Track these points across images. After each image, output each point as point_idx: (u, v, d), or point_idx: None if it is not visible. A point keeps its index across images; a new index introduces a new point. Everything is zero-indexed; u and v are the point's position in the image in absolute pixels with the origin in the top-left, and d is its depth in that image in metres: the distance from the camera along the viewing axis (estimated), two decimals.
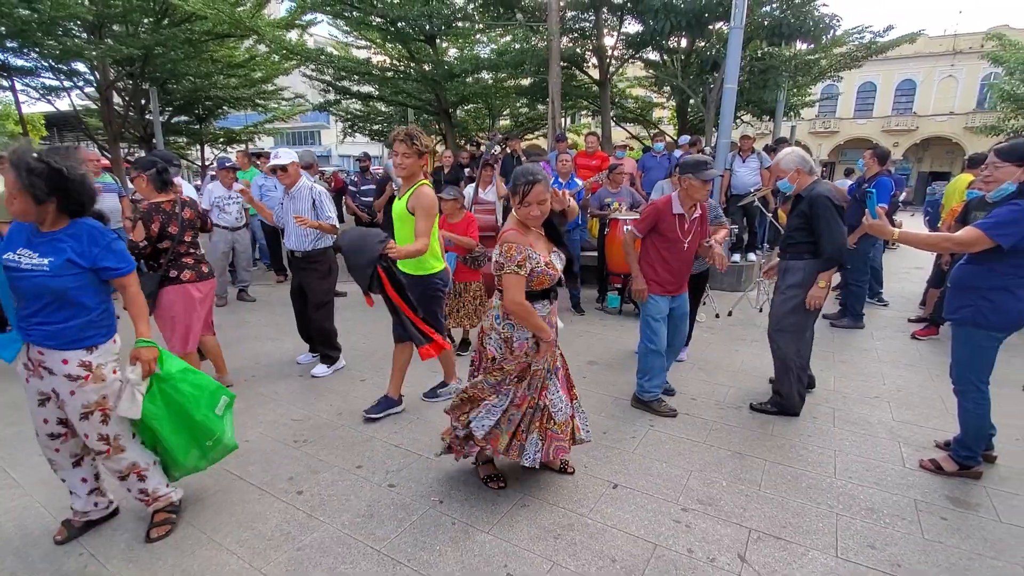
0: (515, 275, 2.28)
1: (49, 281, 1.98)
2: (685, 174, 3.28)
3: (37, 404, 2.14)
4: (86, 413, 2.12)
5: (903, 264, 9.22)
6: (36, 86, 12.47)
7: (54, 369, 2.06)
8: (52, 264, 1.99)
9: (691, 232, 3.41)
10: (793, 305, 3.30)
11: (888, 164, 5.54)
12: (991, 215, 2.48)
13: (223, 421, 2.49)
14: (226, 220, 6.10)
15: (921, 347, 4.87)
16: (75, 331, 2.06)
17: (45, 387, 2.10)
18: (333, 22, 12.92)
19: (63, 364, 2.06)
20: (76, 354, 2.07)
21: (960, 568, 2.11)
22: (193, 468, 2.47)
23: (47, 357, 2.05)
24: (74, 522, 2.32)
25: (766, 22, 9.31)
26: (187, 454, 2.40)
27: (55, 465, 2.27)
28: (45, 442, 2.21)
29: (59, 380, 2.07)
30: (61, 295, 2.01)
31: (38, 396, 2.13)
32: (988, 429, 2.74)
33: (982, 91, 27.47)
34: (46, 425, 2.18)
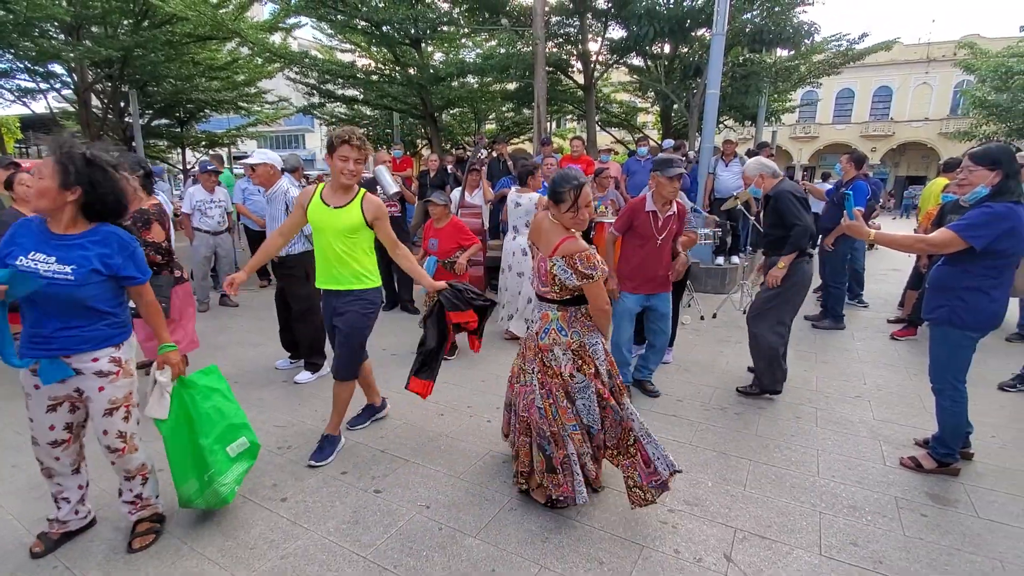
0: (600, 280, 2.26)
1: (75, 291, 1.93)
2: (655, 171, 3.46)
3: (46, 410, 2.07)
4: (111, 409, 2.10)
5: (881, 266, 9.40)
6: (11, 88, 12.21)
7: (82, 369, 2.03)
8: (76, 272, 1.92)
9: (665, 230, 3.51)
10: (773, 294, 3.63)
11: (866, 168, 5.66)
12: (964, 217, 2.54)
13: (231, 464, 2.31)
14: (208, 224, 6.01)
15: (900, 347, 4.96)
16: (104, 330, 2.04)
17: (63, 390, 2.05)
18: (317, 25, 12.88)
19: (93, 362, 2.04)
20: (106, 351, 2.06)
21: (940, 563, 2.15)
22: (190, 500, 2.29)
23: (74, 359, 2.01)
24: (51, 534, 2.24)
25: (747, 29, 9.48)
26: (185, 479, 2.24)
27: (52, 472, 2.19)
28: (47, 451, 2.13)
29: (87, 378, 2.04)
30: (85, 303, 1.97)
31: (49, 401, 2.06)
32: (965, 427, 2.81)
33: (955, 98, 28.22)
34: (51, 432, 2.10)
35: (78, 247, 1.97)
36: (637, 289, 3.59)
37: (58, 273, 1.92)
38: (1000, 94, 16.11)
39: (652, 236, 3.49)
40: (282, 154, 4.54)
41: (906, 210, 24.14)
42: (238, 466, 2.36)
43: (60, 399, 2.08)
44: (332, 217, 2.74)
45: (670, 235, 3.56)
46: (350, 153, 2.64)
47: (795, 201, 3.53)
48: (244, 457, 2.39)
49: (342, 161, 2.65)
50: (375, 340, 5.12)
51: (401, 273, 5.97)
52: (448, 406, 3.64)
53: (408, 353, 4.64)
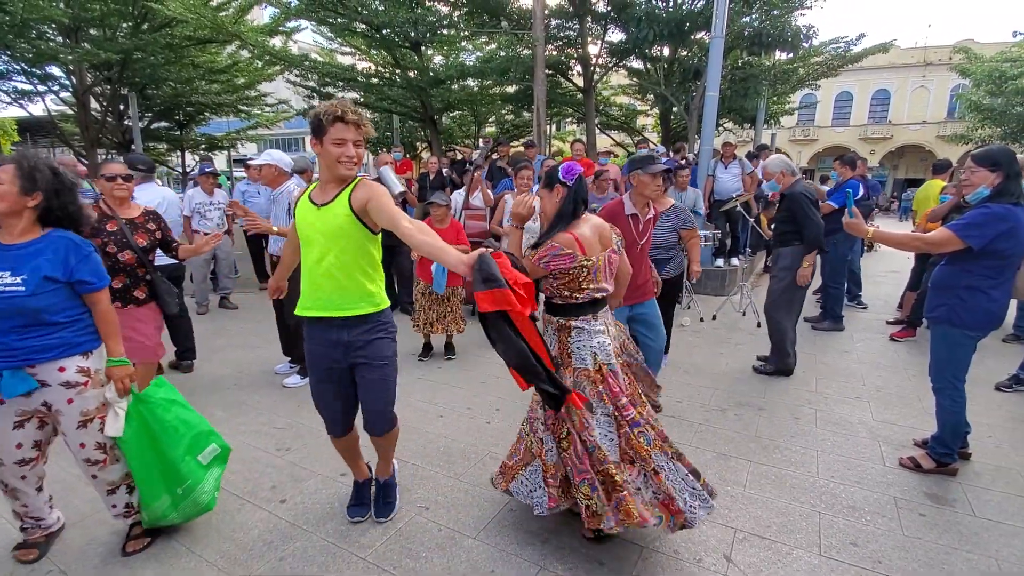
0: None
1: (28, 301, 1.86)
2: (634, 170, 3.15)
3: (13, 427, 1.97)
4: (85, 421, 2.02)
5: (880, 268, 9.41)
6: (8, 90, 12.18)
7: (48, 380, 1.93)
8: (27, 282, 1.85)
9: (646, 234, 3.25)
10: (785, 284, 4.01)
11: (863, 169, 5.70)
12: (963, 217, 2.56)
13: (205, 472, 2.26)
14: (207, 227, 6.00)
15: (899, 348, 4.97)
16: (68, 337, 1.96)
17: (31, 404, 1.96)
18: (317, 28, 12.90)
19: (60, 372, 1.95)
20: (73, 360, 1.98)
21: (938, 562, 2.15)
22: (162, 516, 2.20)
23: (39, 370, 1.92)
24: (35, 538, 2.19)
25: (746, 32, 9.51)
26: (156, 497, 2.16)
27: (17, 494, 2.10)
28: (12, 471, 2.03)
29: (55, 390, 1.95)
30: (38, 313, 1.88)
31: (16, 417, 1.97)
32: (964, 427, 2.81)
33: (952, 101, 28.33)
34: (18, 451, 2.00)
35: (29, 256, 1.89)
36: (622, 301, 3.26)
37: (9, 287, 1.84)
38: (994, 98, 16.21)
39: (633, 242, 3.14)
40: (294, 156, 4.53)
41: (905, 212, 24.22)
42: (213, 472, 2.32)
43: (28, 414, 1.99)
44: (318, 218, 2.04)
45: (650, 239, 3.30)
46: (347, 133, 1.96)
47: (808, 203, 3.86)
48: (216, 463, 2.33)
49: (337, 145, 1.96)
50: None
51: (401, 273, 5.96)
52: (447, 408, 3.64)
53: (408, 354, 4.65)
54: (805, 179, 4.40)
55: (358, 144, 2.02)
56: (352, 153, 1.99)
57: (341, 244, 2.03)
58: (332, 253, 2.03)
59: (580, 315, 2.19)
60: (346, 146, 1.97)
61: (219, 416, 3.50)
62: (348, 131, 1.96)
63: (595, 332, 2.19)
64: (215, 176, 6.28)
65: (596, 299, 2.21)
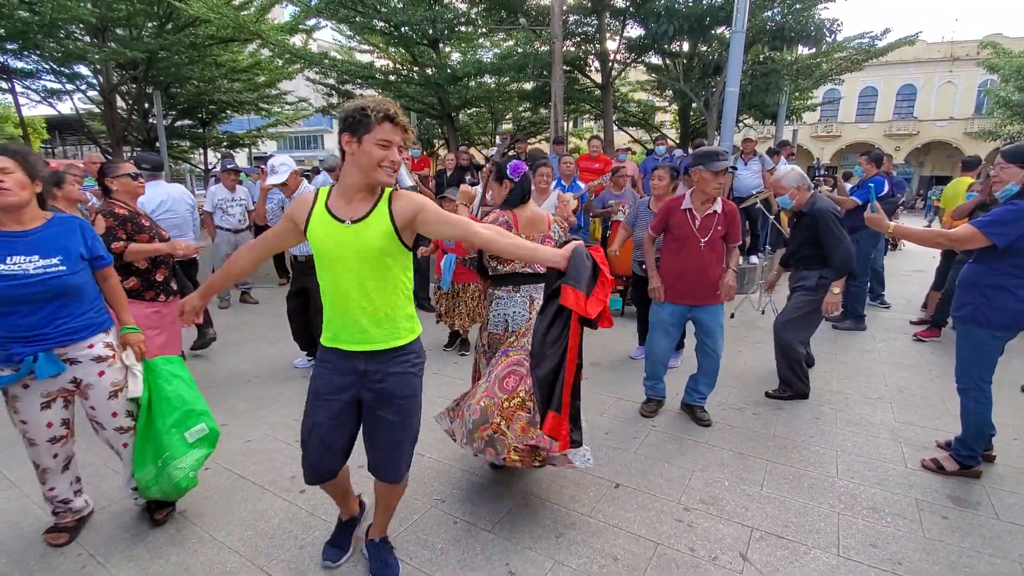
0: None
1: (70, 279, 1.98)
2: (696, 165, 3.11)
3: (40, 408, 2.06)
4: (115, 391, 2.15)
5: (904, 267, 9.22)
6: (37, 89, 12.51)
7: (78, 358, 2.06)
8: (65, 261, 1.98)
9: (709, 230, 3.16)
10: (807, 308, 3.56)
11: (887, 166, 5.58)
12: (989, 214, 2.51)
13: (188, 449, 2.24)
14: (229, 222, 6.12)
15: (923, 348, 4.87)
16: (94, 317, 2.10)
17: (55, 384, 2.05)
18: (336, 27, 13.01)
19: (89, 349, 2.08)
20: (99, 337, 2.11)
21: (960, 566, 2.11)
22: (146, 487, 2.22)
23: (69, 350, 2.04)
24: (66, 523, 2.27)
25: (768, 26, 9.35)
26: (142, 466, 2.20)
27: (47, 474, 2.19)
28: (45, 449, 2.13)
29: (86, 366, 2.07)
30: (77, 290, 2.01)
31: (42, 399, 2.05)
32: (988, 429, 2.75)
33: (980, 97, 27.56)
34: (49, 429, 2.10)
35: (51, 238, 1.99)
36: (678, 299, 3.28)
37: (48, 268, 1.93)
38: (1023, 94, 15.73)
39: (691, 236, 3.17)
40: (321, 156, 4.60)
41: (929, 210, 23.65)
42: (196, 452, 2.27)
43: (53, 395, 2.07)
44: (351, 237, 1.71)
45: (716, 236, 3.19)
46: (394, 136, 1.68)
47: (836, 222, 3.37)
48: (202, 444, 2.30)
49: (382, 148, 1.66)
50: None
51: (416, 270, 6.00)
52: None
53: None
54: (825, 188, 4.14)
55: (401, 150, 1.78)
56: (396, 158, 1.71)
57: (385, 265, 1.75)
58: (373, 278, 1.74)
59: (502, 285, 2.68)
60: (391, 149, 1.68)
61: (241, 408, 3.58)
62: (396, 134, 1.68)
63: (513, 303, 2.66)
64: (237, 172, 6.39)
65: (517, 273, 2.66)
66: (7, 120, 21.10)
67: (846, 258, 3.33)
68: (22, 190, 1.92)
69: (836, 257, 3.35)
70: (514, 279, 2.67)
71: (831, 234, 3.36)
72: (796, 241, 3.62)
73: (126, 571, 2.09)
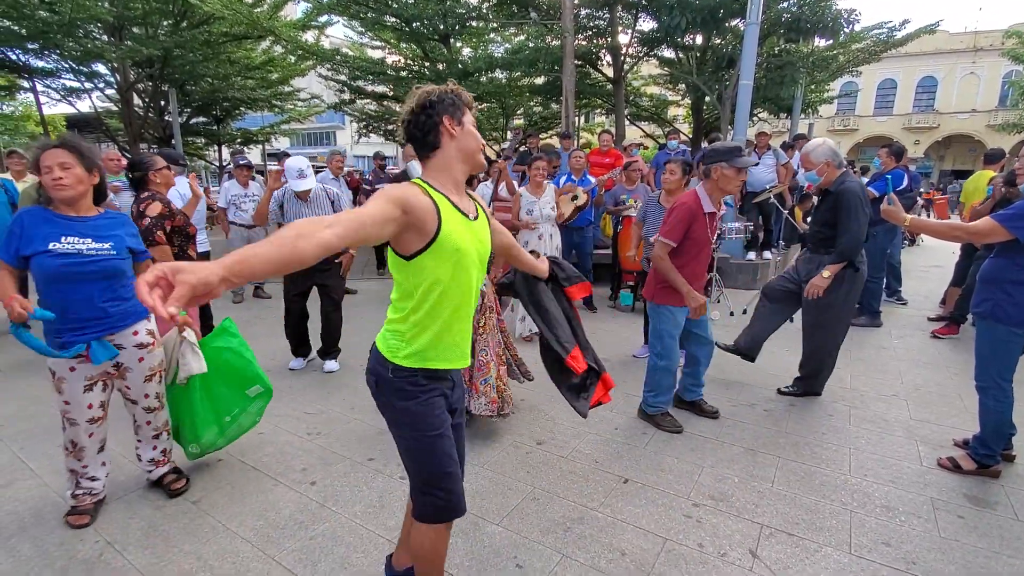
0: None
1: (119, 263, 2.19)
2: (716, 162, 2.87)
3: (83, 390, 2.21)
4: (151, 376, 2.38)
5: (922, 262, 9.05)
6: (57, 87, 12.74)
7: (124, 344, 2.26)
8: (116, 247, 2.17)
9: (715, 230, 3.13)
10: (829, 302, 3.30)
11: (905, 160, 5.48)
12: (1012, 207, 2.44)
13: (252, 402, 2.69)
14: (242, 218, 6.19)
15: (940, 345, 4.78)
16: (137, 304, 2.26)
17: (99, 368, 2.22)
18: (348, 23, 13.05)
19: (134, 336, 2.29)
20: (142, 324, 2.32)
21: (976, 566, 2.08)
22: (211, 445, 2.64)
23: (117, 336, 2.23)
24: (85, 505, 2.35)
25: (784, 18, 9.20)
26: (207, 428, 2.57)
27: (83, 452, 2.31)
28: (85, 429, 2.26)
29: (129, 352, 2.28)
30: (124, 275, 2.21)
31: (86, 381, 2.21)
32: (1008, 428, 2.69)
33: (1004, 88, 26.89)
34: (90, 410, 2.25)
35: (104, 227, 2.19)
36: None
37: (100, 251, 2.13)
38: None
39: (707, 241, 3.00)
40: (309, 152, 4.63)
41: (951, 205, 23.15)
42: (258, 402, 2.74)
43: (95, 378, 2.24)
44: (475, 234, 1.53)
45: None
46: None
47: (860, 206, 3.12)
48: (261, 397, 2.74)
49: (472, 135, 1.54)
50: None
51: None
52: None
53: None
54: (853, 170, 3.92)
55: None
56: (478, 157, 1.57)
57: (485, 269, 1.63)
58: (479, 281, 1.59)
59: None
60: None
61: None
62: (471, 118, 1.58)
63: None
64: (250, 168, 6.45)
65: None
66: (29, 119, 21.51)
67: (851, 245, 3.14)
68: (79, 184, 2.10)
69: (842, 240, 3.15)
70: None
71: (847, 214, 3.12)
72: (816, 222, 3.38)
73: (142, 558, 2.13)
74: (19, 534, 2.28)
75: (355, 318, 5.56)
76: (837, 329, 3.47)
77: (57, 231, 2.08)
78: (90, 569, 2.08)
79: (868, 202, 3.25)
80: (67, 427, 2.27)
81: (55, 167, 2.06)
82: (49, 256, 2.06)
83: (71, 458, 2.32)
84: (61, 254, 2.06)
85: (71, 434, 2.28)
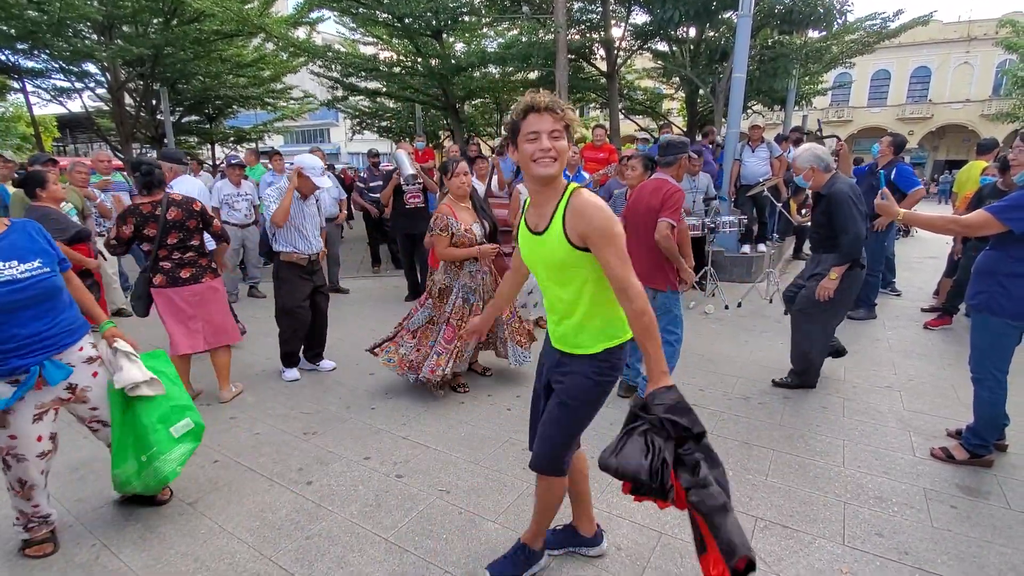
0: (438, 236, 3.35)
1: (55, 280, 2.01)
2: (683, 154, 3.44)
3: (32, 422, 1.99)
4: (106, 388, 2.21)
5: (916, 253, 9.09)
6: (47, 88, 12.63)
7: (72, 361, 2.08)
8: (46, 263, 1.98)
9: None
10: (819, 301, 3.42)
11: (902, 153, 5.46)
12: (1004, 199, 2.45)
13: (174, 444, 2.28)
14: (235, 217, 6.15)
15: (934, 337, 4.80)
16: (77, 319, 2.14)
17: (50, 395, 2.03)
18: (340, 19, 12.97)
19: (80, 351, 2.13)
20: (86, 339, 2.17)
21: (969, 556, 2.09)
22: (125, 483, 2.26)
23: (66, 355, 2.06)
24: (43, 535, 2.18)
25: (777, 9, 9.18)
26: (124, 460, 2.23)
27: (33, 492, 2.08)
28: (36, 465, 2.04)
29: (79, 370, 2.11)
30: (59, 292, 2.03)
31: (35, 411, 2.00)
32: (1002, 419, 2.71)
33: (997, 77, 26.95)
34: (39, 443, 2.03)
35: (20, 244, 1.95)
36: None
37: (34, 271, 1.91)
38: None
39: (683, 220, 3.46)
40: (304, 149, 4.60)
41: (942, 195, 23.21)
42: (182, 446, 2.32)
43: (46, 406, 2.04)
44: (537, 248, 1.73)
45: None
46: (540, 125, 1.56)
47: (853, 206, 3.24)
48: (188, 438, 2.35)
49: (530, 142, 1.57)
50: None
51: (424, 263, 6.01)
52: (469, 394, 3.68)
53: None
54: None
55: (558, 137, 1.58)
56: (547, 145, 1.57)
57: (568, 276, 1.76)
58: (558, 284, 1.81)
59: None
60: (540, 139, 1.57)
61: (249, 401, 3.62)
62: (541, 121, 1.56)
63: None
64: (242, 168, 6.41)
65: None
66: (20, 119, 21.33)
67: (852, 243, 3.23)
68: None
69: (843, 241, 3.25)
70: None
71: (841, 215, 3.24)
72: (814, 223, 3.53)
73: (138, 560, 2.13)
74: (15, 537, 2.27)
75: (349, 317, 5.56)
76: (829, 324, 3.57)
77: None
78: (87, 572, 2.08)
79: (861, 198, 3.32)
80: (13, 465, 2.02)
81: None
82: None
83: (19, 499, 2.09)
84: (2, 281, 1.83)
85: (18, 472, 2.03)
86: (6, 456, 2.01)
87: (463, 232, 3.39)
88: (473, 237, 3.41)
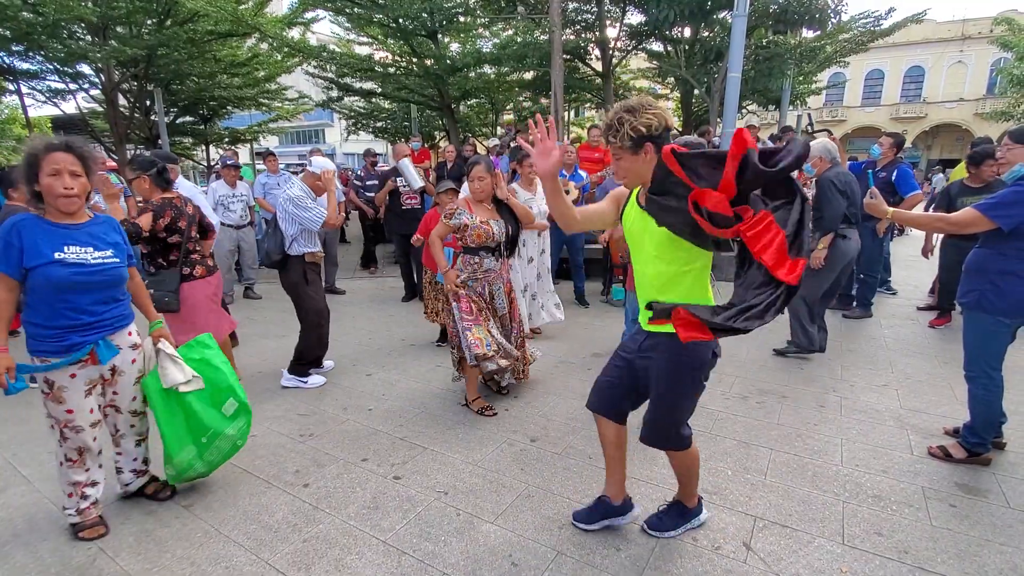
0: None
1: (123, 271, 2.20)
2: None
3: (84, 395, 2.16)
4: (139, 377, 2.37)
5: (910, 251, 9.11)
6: (42, 89, 12.55)
7: (120, 345, 2.26)
8: (118, 254, 2.17)
9: None
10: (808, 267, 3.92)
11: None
12: (993, 196, 2.45)
13: (228, 423, 2.47)
14: (230, 218, 6.13)
15: (930, 334, 4.82)
16: (129, 307, 2.31)
17: (97, 372, 2.20)
18: (335, 19, 12.93)
19: (128, 336, 2.30)
20: (133, 327, 2.34)
21: (968, 554, 2.09)
22: (188, 467, 2.43)
23: (115, 337, 2.23)
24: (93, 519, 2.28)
25: (771, 9, 9.21)
26: (180, 449, 2.39)
27: (87, 459, 2.24)
28: (90, 434, 2.21)
29: (124, 353, 2.28)
30: (122, 283, 2.22)
31: (86, 386, 2.17)
32: (998, 416, 2.71)
33: (992, 76, 27.08)
34: (91, 415, 2.21)
35: (99, 234, 2.15)
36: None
37: (106, 259, 2.11)
38: None
39: None
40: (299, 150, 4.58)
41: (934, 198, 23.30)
42: (237, 421, 2.51)
43: (94, 382, 2.22)
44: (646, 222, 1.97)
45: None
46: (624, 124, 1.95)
47: (833, 188, 3.94)
48: (239, 414, 2.52)
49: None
50: (395, 329, 5.19)
51: (420, 263, 6.00)
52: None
53: (426, 344, 4.69)
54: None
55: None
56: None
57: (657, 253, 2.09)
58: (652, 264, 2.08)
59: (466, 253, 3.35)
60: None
61: None
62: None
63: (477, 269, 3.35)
64: (237, 168, 6.39)
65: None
66: (14, 121, 21.16)
67: (831, 217, 3.95)
68: (84, 193, 2.07)
69: (824, 215, 3.95)
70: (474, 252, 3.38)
71: (823, 196, 3.95)
72: (813, 206, 4.06)
73: (135, 564, 2.11)
74: (12, 541, 2.26)
75: (345, 318, 5.54)
76: (815, 285, 4.09)
77: (59, 241, 2.01)
78: (83, 575, 2.06)
79: (847, 185, 4.00)
80: (70, 437, 2.18)
81: (65, 174, 1.96)
82: (59, 266, 1.99)
83: (75, 469, 2.23)
84: (70, 264, 2.01)
85: (76, 443, 2.19)
86: (64, 429, 2.17)
87: (478, 224, 3.28)
88: (490, 230, 3.29)
